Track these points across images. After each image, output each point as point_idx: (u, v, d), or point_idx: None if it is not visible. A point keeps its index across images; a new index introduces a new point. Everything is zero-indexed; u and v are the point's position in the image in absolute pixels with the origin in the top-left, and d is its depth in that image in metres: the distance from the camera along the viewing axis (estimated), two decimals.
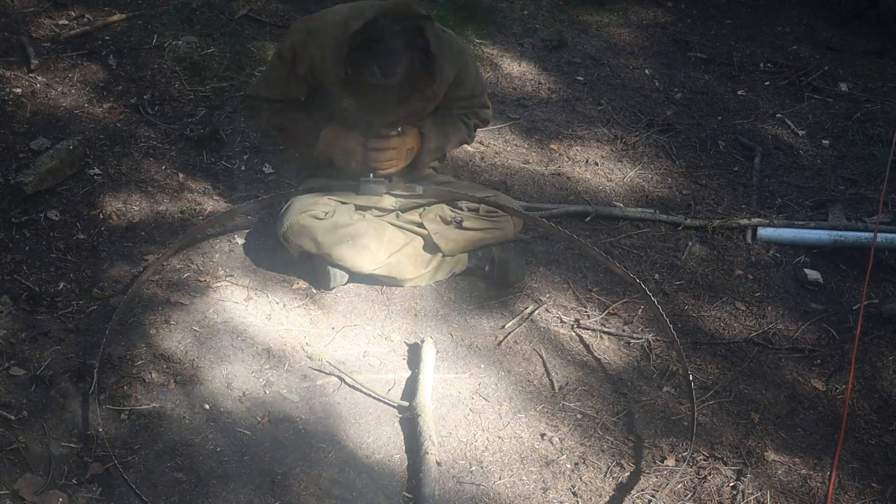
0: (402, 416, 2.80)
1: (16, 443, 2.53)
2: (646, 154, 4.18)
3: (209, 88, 4.11)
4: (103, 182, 3.51)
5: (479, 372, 3.00)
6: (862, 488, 2.74)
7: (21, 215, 3.28)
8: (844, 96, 4.79)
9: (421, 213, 3.26)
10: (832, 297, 3.46)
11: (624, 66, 4.87)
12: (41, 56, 4.08)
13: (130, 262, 3.20)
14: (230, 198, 3.56)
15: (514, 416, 2.86)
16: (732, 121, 4.49)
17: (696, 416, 2.90)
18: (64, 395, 2.69)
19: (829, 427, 2.93)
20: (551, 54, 4.85)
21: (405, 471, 2.65)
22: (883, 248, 3.59)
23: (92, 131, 3.75)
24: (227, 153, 3.79)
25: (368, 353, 3.01)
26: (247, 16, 4.70)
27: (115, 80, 4.06)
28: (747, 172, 4.11)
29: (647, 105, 4.54)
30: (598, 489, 2.66)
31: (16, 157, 3.52)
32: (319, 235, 3.07)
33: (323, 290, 3.20)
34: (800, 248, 3.66)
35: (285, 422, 2.74)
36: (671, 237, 3.67)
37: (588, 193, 3.87)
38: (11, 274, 3.07)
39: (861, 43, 5.30)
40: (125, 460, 2.54)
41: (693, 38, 5.23)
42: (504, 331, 3.16)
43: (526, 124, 4.27)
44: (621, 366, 3.09)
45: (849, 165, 4.24)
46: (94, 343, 2.87)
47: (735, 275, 3.51)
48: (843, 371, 3.12)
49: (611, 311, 3.29)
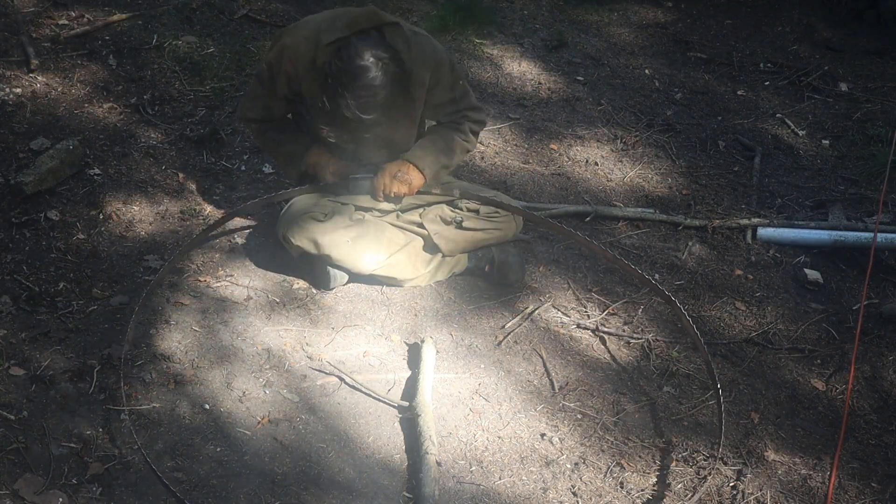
0: (402, 416, 2.80)
1: (16, 443, 2.53)
2: (646, 154, 4.18)
3: (209, 88, 4.11)
4: (103, 182, 3.51)
5: (479, 372, 3.00)
6: (862, 488, 2.74)
7: (21, 215, 3.28)
8: (844, 96, 4.79)
9: (421, 213, 3.26)
10: (832, 297, 3.46)
11: (624, 66, 4.87)
12: (41, 56, 4.08)
13: (130, 262, 3.20)
14: (230, 198, 3.56)
15: (514, 416, 2.86)
16: (732, 121, 4.49)
17: (696, 417, 2.90)
18: (64, 395, 2.69)
19: (829, 427, 2.93)
20: (551, 54, 4.85)
21: (405, 471, 2.65)
22: (883, 248, 3.59)
23: (92, 131, 3.75)
24: (227, 153, 3.79)
25: (368, 353, 3.01)
26: (247, 16, 4.70)
27: (115, 80, 4.06)
28: (747, 172, 4.11)
29: (647, 105, 4.54)
30: (598, 489, 2.66)
31: (16, 157, 3.52)
32: (319, 236, 3.07)
33: (323, 291, 3.20)
34: (800, 248, 3.66)
35: (285, 422, 2.74)
36: (671, 237, 3.67)
37: (588, 193, 3.87)
38: (11, 274, 3.07)
39: (861, 43, 5.30)
40: (125, 460, 2.54)
41: (693, 38, 5.23)
42: (504, 331, 3.16)
43: (526, 124, 4.27)
44: (621, 366, 3.09)
45: (849, 165, 4.24)
46: (94, 343, 2.87)
47: (735, 275, 3.51)
48: (843, 371, 3.12)
49: (611, 311, 3.29)
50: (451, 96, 3.12)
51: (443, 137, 3.18)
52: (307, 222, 3.08)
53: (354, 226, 3.12)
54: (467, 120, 3.20)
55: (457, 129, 3.19)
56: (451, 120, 3.19)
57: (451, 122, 3.19)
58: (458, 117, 3.19)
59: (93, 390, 2.71)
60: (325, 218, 3.09)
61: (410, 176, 3.10)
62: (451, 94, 3.11)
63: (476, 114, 3.22)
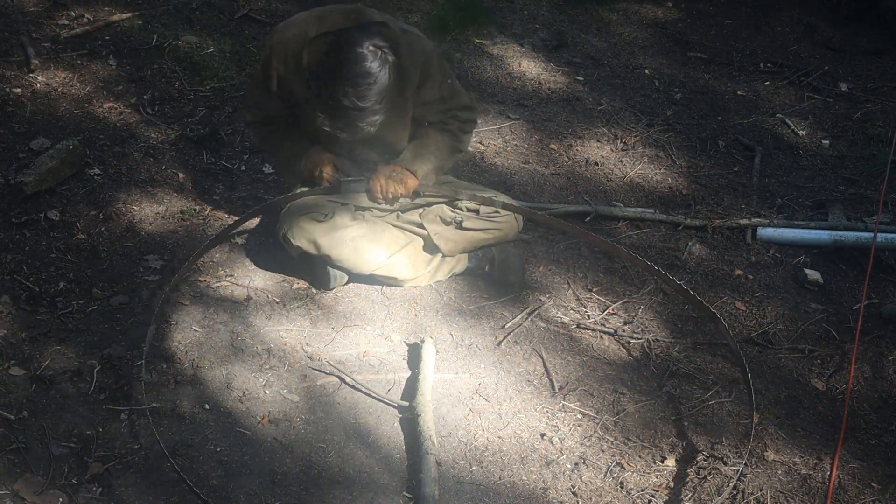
0: (402, 416, 2.80)
1: (16, 443, 2.53)
2: (646, 154, 4.18)
3: (209, 88, 4.11)
4: (103, 182, 3.51)
5: (479, 372, 3.00)
6: (862, 488, 2.74)
7: (21, 215, 3.28)
8: (844, 96, 4.78)
9: (421, 213, 3.26)
10: (832, 297, 3.46)
11: (624, 66, 4.87)
12: (41, 56, 4.08)
13: (130, 262, 3.20)
14: (230, 198, 3.56)
15: (514, 416, 2.86)
16: (732, 121, 4.49)
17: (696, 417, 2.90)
18: (64, 395, 2.69)
19: (829, 427, 2.93)
20: (551, 54, 4.85)
21: (405, 471, 2.65)
22: (883, 248, 3.59)
23: (92, 131, 3.75)
24: (227, 153, 3.79)
25: (368, 353, 3.01)
26: (247, 16, 4.70)
27: (115, 80, 4.06)
28: (747, 172, 4.11)
29: (647, 105, 4.54)
30: (598, 489, 2.66)
31: (16, 157, 3.52)
32: (318, 237, 3.07)
33: (323, 291, 3.20)
34: (800, 248, 3.66)
35: (285, 422, 2.74)
36: (671, 237, 3.67)
37: (588, 193, 3.87)
38: (11, 274, 3.07)
39: (861, 43, 5.30)
40: (125, 460, 2.54)
41: (693, 38, 5.23)
42: (504, 331, 3.16)
43: (526, 124, 4.27)
44: (621, 366, 3.09)
45: (849, 165, 4.24)
46: (94, 343, 2.87)
47: (735, 275, 3.51)
48: (843, 371, 3.12)
49: (611, 311, 3.29)
50: (439, 94, 3.13)
51: (432, 139, 3.19)
52: (307, 222, 3.08)
53: (354, 226, 3.12)
54: (457, 120, 3.21)
55: (445, 129, 3.20)
56: (440, 120, 3.20)
57: (440, 122, 3.20)
58: (448, 117, 3.20)
59: (93, 390, 2.71)
60: (326, 218, 3.09)
61: (404, 176, 3.11)
62: (440, 92, 3.12)
63: (466, 113, 3.23)
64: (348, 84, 2.75)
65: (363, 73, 2.75)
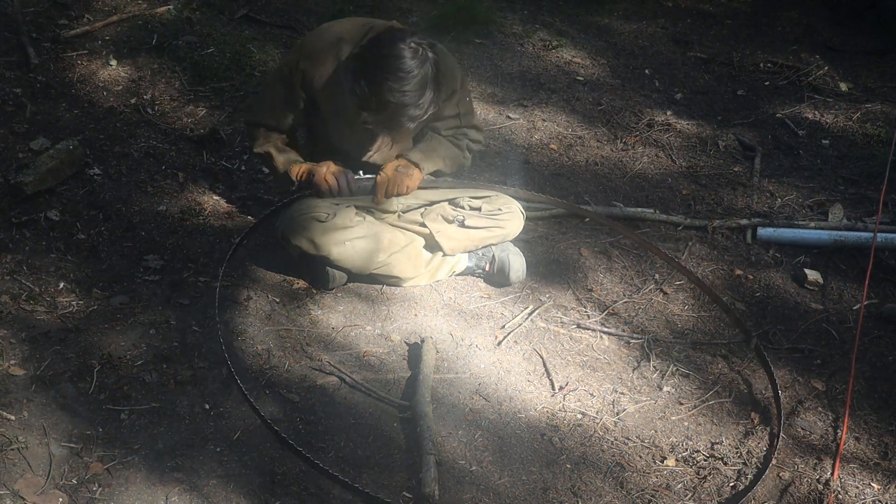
0: (402, 416, 2.80)
1: (16, 443, 2.53)
2: (646, 154, 4.18)
3: (209, 88, 4.11)
4: (103, 182, 3.51)
5: (479, 372, 3.00)
6: (862, 488, 2.74)
7: (21, 215, 3.28)
8: (844, 96, 4.79)
9: (423, 212, 3.27)
10: (832, 297, 3.46)
11: (624, 66, 4.87)
12: (41, 56, 4.08)
13: (130, 262, 3.20)
14: (230, 198, 3.56)
15: (514, 416, 2.86)
16: (732, 121, 4.49)
17: (696, 417, 2.91)
18: (64, 395, 2.69)
19: (829, 427, 2.93)
20: (551, 54, 4.85)
21: (405, 471, 2.65)
22: (883, 248, 3.59)
23: (92, 131, 3.75)
24: (227, 153, 3.79)
25: (368, 353, 3.01)
26: (247, 16, 4.70)
27: (115, 80, 4.06)
28: (747, 172, 4.11)
29: (647, 105, 4.54)
30: (598, 489, 2.66)
31: (16, 157, 3.52)
32: (317, 237, 3.07)
33: (322, 291, 3.20)
34: (800, 248, 3.66)
35: (285, 422, 2.74)
36: (671, 237, 3.67)
37: (588, 193, 3.87)
38: (11, 274, 3.07)
39: (861, 43, 5.30)
40: (125, 460, 2.54)
41: (693, 38, 5.23)
42: (504, 331, 3.16)
43: (526, 124, 4.27)
44: (621, 366, 3.09)
45: (849, 165, 4.24)
46: (94, 343, 2.87)
47: (735, 275, 3.51)
48: (843, 371, 3.12)
49: (611, 311, 3.29)
50: (457, 111, 3.21)
51: (443, 145, 3.25)
52: (307, 222, 3.08)
53: (354, 226, 3.12)
54: (466, 138, 3.28)
55: (456, 143, 3.27)
56: (451, 134, 3.27)
57: (451, 136, 3.27)
58: (459, 133, 3.27)
59: (93, 390, 2.71)
60: (326, 218, 3.09)
61: (411, 171, 3.14)
62: (459, 108, 3.21)
63: (475, 133, 3.32)
64: (392, 79, 2.79)
65: (406, 67, 2.80)
